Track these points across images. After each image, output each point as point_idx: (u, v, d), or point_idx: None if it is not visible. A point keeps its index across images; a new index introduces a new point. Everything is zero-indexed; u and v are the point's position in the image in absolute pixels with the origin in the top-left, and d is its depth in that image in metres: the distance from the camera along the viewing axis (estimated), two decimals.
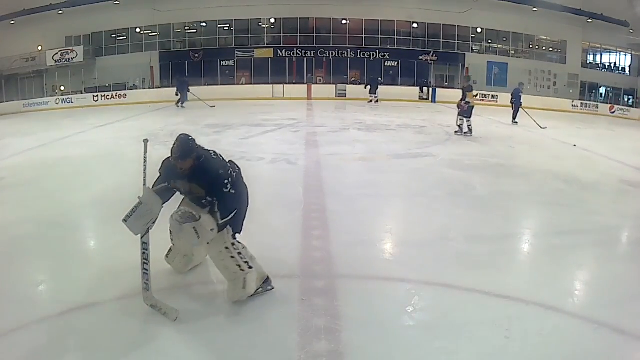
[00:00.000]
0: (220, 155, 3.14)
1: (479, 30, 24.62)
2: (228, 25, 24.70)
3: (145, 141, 3.21)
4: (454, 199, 5.50)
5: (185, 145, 2.96)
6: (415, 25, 24.40)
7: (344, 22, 24.67)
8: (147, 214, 2.89)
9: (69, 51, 23.62)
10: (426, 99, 22.14)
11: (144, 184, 3.09)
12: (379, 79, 21.74)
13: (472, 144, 9.51)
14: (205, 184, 2.94)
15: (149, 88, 23.45)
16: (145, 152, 3.21)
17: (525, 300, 3.02)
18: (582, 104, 21.61)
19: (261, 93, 21.57)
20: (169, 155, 3.01)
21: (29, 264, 3.69)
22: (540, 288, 3.24)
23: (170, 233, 3.28)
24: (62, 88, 22.96)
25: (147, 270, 2.88)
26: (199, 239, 2.90)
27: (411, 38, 24.60)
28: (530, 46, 25.13)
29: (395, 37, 24.61)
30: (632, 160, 7.51)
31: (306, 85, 22.91)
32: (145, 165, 3.13)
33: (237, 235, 3.02)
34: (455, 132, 10.59)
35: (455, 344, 2.59)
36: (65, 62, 23.52)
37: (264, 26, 24.83)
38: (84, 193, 5.74)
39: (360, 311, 2.90)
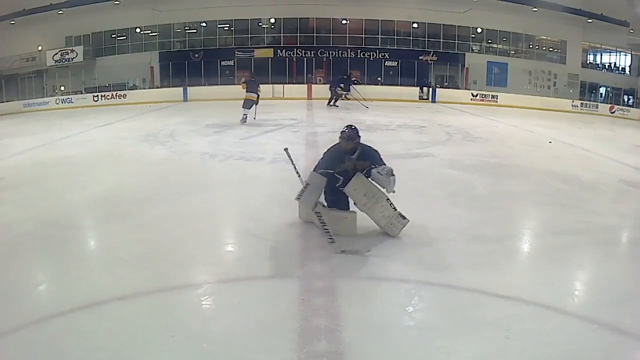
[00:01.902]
0: None
1: (479, 30, 24.62)
2: (228, 25, 24.69)
3: (287, 150, 4.71)
4: (454, 199, 5.50)
5: (355, 131, 4.23)
6: (415, 25, 24.39)
7: (344, 22, 24.67)
8: (315, 191, 3.99)
9: (69, 51, 23.62)
10: (426, 99, 22.15)
11: (299, 176, 4.45)
12: (349, 76, 21.15)
13: (472, 144, 9.51)
14: (373, 159, 4.19)
15: (149, 88, 23.45)
16: (290, 157, 4.66)
17: (525, 300, 3.02)
18: (582, 104, 21.61)
19: (261, 93, 21.53)
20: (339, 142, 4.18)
21: (29, 263, 3.69)
22: (540, 288, 3.24)
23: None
24: (62, 88, 22.97)
25: (327, 229, 3.79)
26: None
27: (411, 38, 24.60)
28: (530, 46, 25.14)
29: (395, 37, 24.61)
30: (632, 160, 7.52)
31: (306, 85, 22.90)
32: (297, 171, 4.56)
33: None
34: None
35: (455, 344, 2.59)
36: (65, 62, 23.53)
37: (264, 26, 24.83)
38: (84, 193, 5.74)
39: (360, 311, 2.90)
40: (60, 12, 22.92)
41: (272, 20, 24.66)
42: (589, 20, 23.42)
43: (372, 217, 4.09)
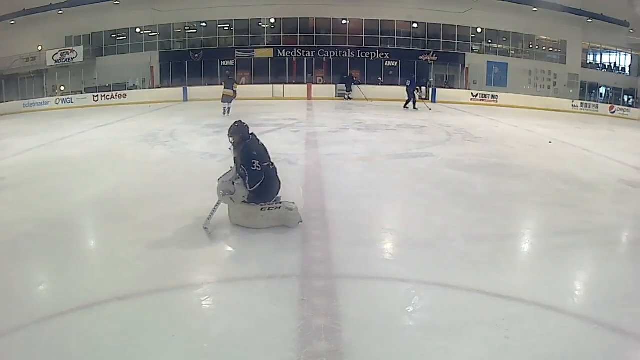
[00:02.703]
0: (266, 150, 4.65)
1: (479, 30, 24.61)
2: (228, 25, 24.69)
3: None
4: (454, 199, 5.50)
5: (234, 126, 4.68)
6: (415, 25, 24.38)
7: (344, 22, 24.67)
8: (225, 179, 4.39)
9: (69, 51, 23.62)
10: (426, 99, 22.15)
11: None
12: (349, 76, 21.70)
13: (472, 144, 9.51)
14: (241, 155, 4.40)
15: (149, 88, 23.45)
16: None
17: (525, 300, 3.02)
18: (582, 104, 21.61)
19: (261, 93, 21.57)
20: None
21: (29, 264, 3.69)
22: (540, 288, 3.24)
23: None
24: (62, 88, 22.97)
25: (215, 209, 4.28)
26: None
27: (411, 38, 24.60)
28: (530, 46, 25.13)
29: (395, 37, 24.60)
30: (632, 160, 7.52)
31: (306, 85, 22.90)
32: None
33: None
34: None
35: (455, 344, 2.59)
36: (65, 62, 23.52)
37: (264, 26, 24.83)
38: (84, 193, 5.74)
39: (360, 311, 2.90)
40: (60, 12, 22.92)
41: (272, 20, 24.66)
42: (589, 20, 23.42)
43: (265, 226, 4.26)
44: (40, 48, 23.32)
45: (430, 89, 22.35)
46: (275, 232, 4.23)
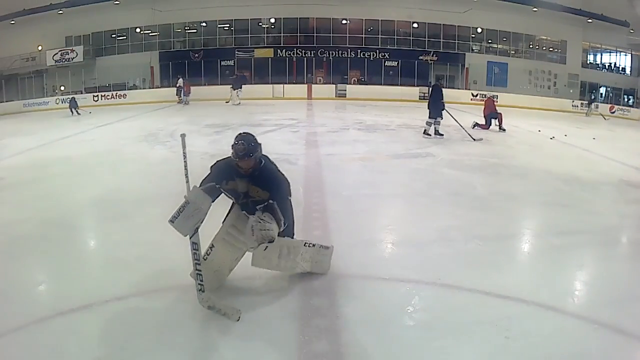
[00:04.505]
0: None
1: (479, 30, 24.63)
2: (228, 25, 24.71)
3: (183, 135, 3.04)
4: (454, 199, 5.50)
5: (251, 142, 2.87)
6: (415, 25, 24.41)
7: (344, 22, 24.68)
8: (195, 214, 2.80)
9: (69, 51, 23.63)
10: (426, 99, 22.15)
11: (187, 181, 2.98)
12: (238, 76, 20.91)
13: (472, 144, 9.50)
14: (274, 191, 2.90)
15: (149, 88, 23.46)
16: (184, 147, 3.01)
17: (525, 300, 3.02)
18: (582, 104, 21.62)
19: (261, 93, 21.59)
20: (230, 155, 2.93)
21: (29, 264, 3.69)
22: (540, 288, 3.24)
23: (212, 247, 3.07)
24: (62, 88, 22.97)
25: (199, 271, 2.80)
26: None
27: (411, 38, 24.61)
28: (530, 46, 25.14)
29: (395, 37, 24.62)
30: (632, 160, 7.52)
31: (306, 85, 22.92)
32: (185, 162, 2.99)
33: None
34: None
35: (455, 344, 2.59)
36: (65, 62, 23.54)
37: (264, 26, 24.84)
38: (84, 193, 5.74)
39: (360, 311, 2.89)
40: (60, 12, 22.93)
41: (272, 20, 24.67)
42: (589, 20, 23.43)
43: (301, 270, 3.22)
44: (40, 48, 23.34)
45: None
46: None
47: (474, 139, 9.77)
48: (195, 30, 24.77)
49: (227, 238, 3.06)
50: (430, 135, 10.19)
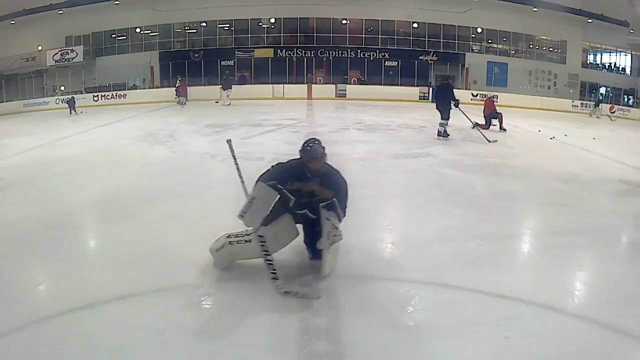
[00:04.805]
0: None
1: (479, 30, 24.64)
2: (228, 25, 24.72)
3: (229, 141, 3.48)
4: (454, 199, 5.49)
5: (323, 145, 3.19)
6: (415, 25, 24.42)
7: (344, 22, 24.69)
8: (263, 208, 3.03)
9: (69, 51, 23.65)
10: (426, 99, 22.19)
11: (242, 182, 3.33)
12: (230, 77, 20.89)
13: (472, 144, 9.50)
14: (338, 191, 3.24)
15: (149, 88, 23.46)
16: (233, 151, 3.43)
17: (525, 300, 3.02)
18: (582, 104, 21.62)
19: (261, 93, 21.59)
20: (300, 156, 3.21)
21: (29, 264, 3.68)
22: (540, 288, 3.24)
23: (248, 242, 3.22)
24: (62, 88, 22.99)
25: (270, 260, 3.02)
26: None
27: (411, 38, 24.63)
28: (530, 46, 25.15)
29: (395, 37, 24.63)
30: (632, 160, 7.52)
31: (306, 85, 22.93)
32: (237, 165, 3.38)
33: None
34: None
35: (455, 344, 2.59)
36: (65, 62, 23.55)
37: (264, 26, 24.85)
38: (84, 193, 5.74)
39: (360, 311, 2.89)
40: (60, 12, 22.94)
41: (272, 20, 24.68)
42: (589, 20, 23.44)
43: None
44: (40, 48, 23.35)
45: (430, 88, 22.37)
46: None
47: (489, 141, 9.58)
48: (195, 30, 24.78)
49: (267, 240, 3.17)
50: (448, 135, 9.88)
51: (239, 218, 3.07)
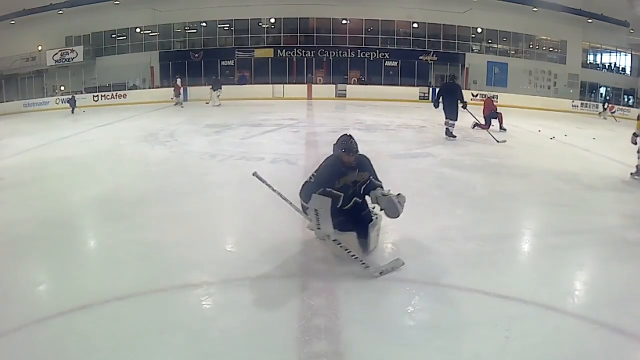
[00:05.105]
0: None
1: (479, 30, 24.64)
2: (228, 25, 24.72)
3: (255, 173, 3.88)
4: (454, 199, 5.50)
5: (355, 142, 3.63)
6: (415, 25, 24.42)
7: (344, 22, 24.69)
8: (326, 215, 3.42)
9: (69, 51, 23.65)
10: (426, 99, 22.18)
11: (290, 203, 3.78)
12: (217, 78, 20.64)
13: (472, 144, 9.50)
14: (370, 169, 3.79)
15: (149, 88, 23.46)
16: (264, 181, 3.87)
17: (525, 300, 3.02)
18: (582, 104, 21.61)
19: (261, 93, 21.59)
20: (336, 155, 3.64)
21: (29, 264, 3.68)
22: (540, 288, 3.24)
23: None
24: (62, 88, 22.99)
25: (354, 255, 3.42)
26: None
27: (411, 38, 24.63)
28: (530, 46, 25.15)
29: (395, 37, 24.63)
30: (632, 160, 7.49)
31: (306, 85, 22.93)
32: (276, 191, 3.82)
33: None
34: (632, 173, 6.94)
35: (455, 344, 2.59)
36: (65, 62, 23.55)
37: (264, 26, 24.85)
38: (84, 193, 5.74)
39: (360, 311, 2.90)
40: (60, 12, 22.94)
41: (272, 20, 24.68)
42: (589, 20, 23.43)
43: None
44: (40, 48, 23.35)
45: (430, 88, 22.35)
46: (274, 232, 4.23)
47: (498, 141, 9.57)
48: (195, 30, 24.78)
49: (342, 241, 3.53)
50: (455, 136, 9.87)
51: (314, 232, 3.49)
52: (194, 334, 2.65)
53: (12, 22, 22.76)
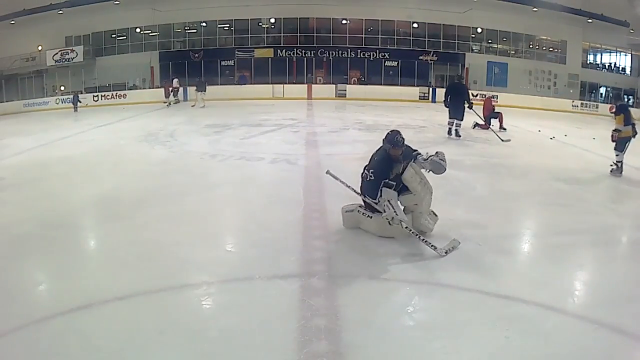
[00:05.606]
0: None
1: (479, 30, 24.62)
2: (228, 25, 24.71)
3: (328, 171, 4.46)
4: (454, 199, 5.49)
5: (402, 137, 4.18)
6: (415, 25, 24.40)
7: (344, 22, 24.68)
8: (397, 203, 3.92)
9: (69, 51, 23.64)
10: (426, 99, 22.19)
11: (358, 194, 4.34)
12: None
13: (472, 144, 9.50)
14: (409, 157, 4.23)
15: (149, 88, 23.46)
16: (336, 177, 4.44)
17: (525, 300, 3.02)
18: (582, 104, 21.60)
19: (261, 93, 21.58)
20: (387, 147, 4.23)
21: (30, 263, 3.69)
22: (540, 288, 3.24)
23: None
24: (62, 88, 23.00)
25: (425, 240, 3.77)
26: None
27: (411, 38, 24.61)
28: (530, 46, 25.13)
29: (395, 37, 24.62)
30: (632, 160, 7.51)
31: (306, 85, 22.92)
32: (349, 186, 4.38)
33: None
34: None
35: (455, 344, 2.59)
36: (65, 62, 23.54)
37: (264, 26, 24.84)
38: (84, 193, 5.74)
39: (360, 311, 2.90)
40: (60, 12, 22.93)
41: (272, 20, 24.67)
42: (589, 20, 23.42)
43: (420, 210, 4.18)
44: (40, 48, 23.34)
45: (430, 89, 22.37)
46: (274, 232, 4.23)
47: (503, 140, 9.67)
48: (195, 30, 24.77)
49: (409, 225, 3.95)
50: (460, 136, 10.02)
51: (392, 221, 3.84)
52: (193, 334, 2.65)
53: (12, 22, 22.75)
